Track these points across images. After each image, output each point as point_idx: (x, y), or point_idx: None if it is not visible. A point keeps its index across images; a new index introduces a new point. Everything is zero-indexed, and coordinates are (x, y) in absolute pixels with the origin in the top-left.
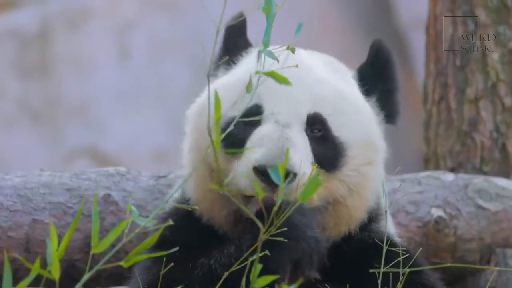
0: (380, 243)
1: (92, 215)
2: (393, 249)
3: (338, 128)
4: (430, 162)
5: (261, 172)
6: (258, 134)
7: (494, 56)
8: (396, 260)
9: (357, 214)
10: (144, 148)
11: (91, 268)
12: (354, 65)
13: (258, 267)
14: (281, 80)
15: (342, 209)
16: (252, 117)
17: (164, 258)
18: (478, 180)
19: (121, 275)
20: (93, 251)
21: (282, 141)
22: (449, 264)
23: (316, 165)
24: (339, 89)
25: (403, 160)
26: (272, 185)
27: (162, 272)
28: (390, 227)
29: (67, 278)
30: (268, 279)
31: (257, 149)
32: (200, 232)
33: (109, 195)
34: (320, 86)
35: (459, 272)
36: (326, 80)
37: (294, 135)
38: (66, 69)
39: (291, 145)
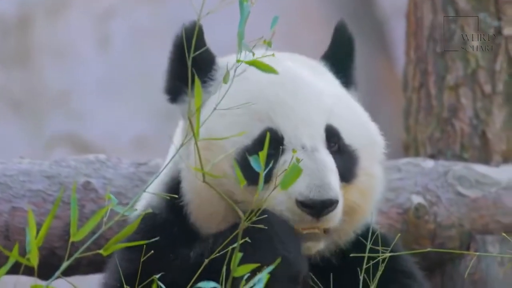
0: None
1: (71, 202)
2: (374, 247)
3: (348, 136)
4: (410, 149)
5: (304, 204)
6: (288, 163)
7: (474, 42)
8: (381, 256)
9: (368, 215)
10: (126, 137)
11: (71, 255)
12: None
13: (238, 255)
14: (266, 69)
15: (357, 215)
16: (269, 143)
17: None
18: (458, 167)
19: (101, 262)
20: (73, 239)
21: (320, 171)
22: (428, 249)
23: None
24: (336, 95)
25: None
26: (315, 216)
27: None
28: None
29: (47, 265)
30: (249, 267)
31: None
32: (175, 238)
33: (88, 182)
34: (323, 97)
35: (439, 258)
36: (324, 89)
37: (326, 159)
38: (46, 58)
39: (329, 172)
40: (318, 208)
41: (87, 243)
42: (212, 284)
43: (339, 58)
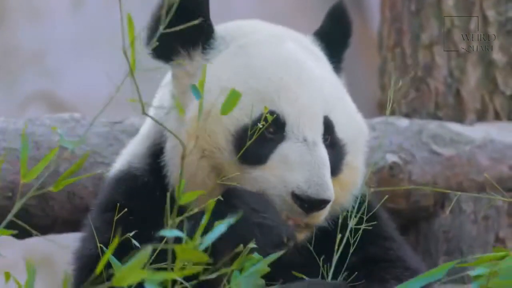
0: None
1: (21, 142)
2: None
3: (340, 129)
4: (384, 107)
5: (299, 198)
6: (289, 154)
7: (449, 1)
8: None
9: (348, 202)
10: (100, 95)
11: (47, 215)
12: (309, 18)
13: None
14: None
15: (333, 206)
16: (269, 126)
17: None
18: (433, 126)
19: (77, 221)
20: (23, 180)
21: (320, 168)
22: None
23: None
24: (332, 84)
25: (358, 106)
26: (306, 210)
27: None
28: None
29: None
30: (194, 194)
31: (295, 172)
32: (156, 203)
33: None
34: (323, 86)
35: (413, 217)
36: (324, 77)
37: (324, 155)
38: (21, 17)
39: (327, 169)
40: (313, 204)
41: (40, 180)
42: (176, 232)
43: (335, 42)
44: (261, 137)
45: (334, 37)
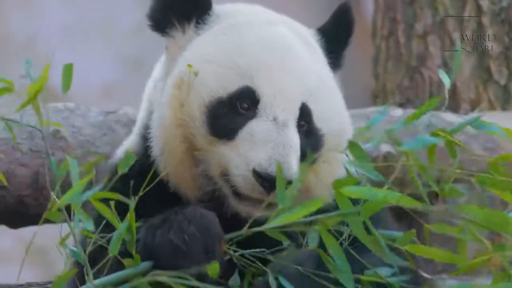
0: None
1: None
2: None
3: (320, 119)
4: (378, 97)
5: (260, 175)
6: (256, 131)
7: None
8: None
9: (324, 195)
10: (92, 84)
11: (41, 204)
12: (305, 7)
13: None
14: None
15: (308, 195)
16: (243, 101)
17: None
18: (427, 116)
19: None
20: None
21: (286, 148)
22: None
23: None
24: (321, 75)
25: (352, 95)
26: (267, 189)
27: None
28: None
29: (16, 213)
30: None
31: (258, 150)
32: (155, 192)
33: (58, 130)
34: (307, 74)
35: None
36: (311, 66)
37: (293, 136)
38: (12, 4)
39: (292, 150)
40: (273, 183)
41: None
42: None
43: (336, 39)
44: (234, 112)
45: (335, 34)
